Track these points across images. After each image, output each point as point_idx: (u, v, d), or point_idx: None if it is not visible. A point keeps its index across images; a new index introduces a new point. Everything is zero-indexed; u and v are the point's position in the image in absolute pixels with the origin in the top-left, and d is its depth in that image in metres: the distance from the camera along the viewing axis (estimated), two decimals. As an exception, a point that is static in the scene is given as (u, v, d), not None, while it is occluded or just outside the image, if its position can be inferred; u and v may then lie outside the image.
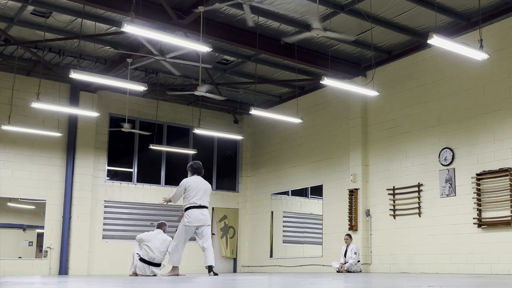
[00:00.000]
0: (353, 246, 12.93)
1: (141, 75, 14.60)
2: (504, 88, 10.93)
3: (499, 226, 10.67)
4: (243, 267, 17.22)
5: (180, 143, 16.70)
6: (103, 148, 15.24)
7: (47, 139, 14.18)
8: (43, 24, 11.68)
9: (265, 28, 11.87)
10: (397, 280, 6.38)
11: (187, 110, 16.58)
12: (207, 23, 10.81)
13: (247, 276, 9.99)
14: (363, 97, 13.44)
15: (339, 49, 13.08)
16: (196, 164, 9.80)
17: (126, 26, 8.30)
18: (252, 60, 13.57)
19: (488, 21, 11.05)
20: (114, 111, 15.46)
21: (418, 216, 12.25)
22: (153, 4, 10.74)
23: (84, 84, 14.20)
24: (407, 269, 12.29)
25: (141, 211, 15.68)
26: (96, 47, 12.99)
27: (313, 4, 10.38)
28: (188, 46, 9.66)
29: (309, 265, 14.83)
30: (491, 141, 11.06)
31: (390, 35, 12.28)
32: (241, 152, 17.68)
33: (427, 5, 10.78)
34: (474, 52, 9.13)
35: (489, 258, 10.77)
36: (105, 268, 14.74)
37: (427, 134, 12.30)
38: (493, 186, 10.92)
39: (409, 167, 12.60)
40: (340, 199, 14.08)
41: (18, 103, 13.80)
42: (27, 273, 13.66)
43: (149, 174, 16.19)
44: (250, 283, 5.92)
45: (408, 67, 12.88)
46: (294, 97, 15.12)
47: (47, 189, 14.27)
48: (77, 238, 14.29)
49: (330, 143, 14.69)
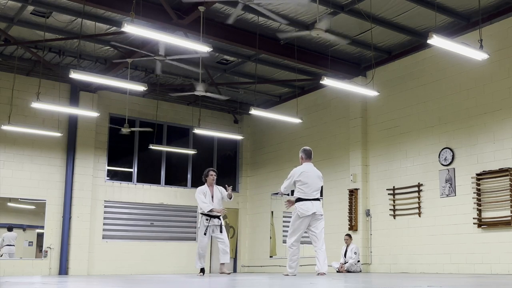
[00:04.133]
0: (353, 246, 12.93)
1: (141, 75, 14.60)
2: (504, 88, 10.93)
3: (499, 226, 10.67)
4: (243, 267, 17.22)
5: (180, 143, 16.71)
6: (103, 148, 15.24)
7: (47, 139, 14.18)
8: (43, 24, 11.68)
9: (265, 28, 11.87)
10: (397, 280, 6.38)
11: (187, 110, 16.58)
12: (207, 23, 10.81)
13: (247, 276, 9.99)
14: (363, 97, 13.44)
15: (339, 49, 13.08)
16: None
17: (126, 26, 8.30)
18: (252, 60, 13.57)
19: (488, 21, 11.04)
20: (114, 111, 15.46)
21: (418, 216, 12.25)
22: (153, 4, 10.74)
23: (84, 84, 14.20)
24: (407, 269, 12.29)
25: (141, 211, 15.68)
26: (96, 47, 13.00)
27: (313, 4, 10.38)
28: (188, 46, 9.66)
29: (309, 265, 14.80)
30: (491, 141, 11.06)
31: (390, 35, 12.28)
32: (241, 152, 17.68)
33: (427, 5, 10.78)
34: (474, 52, 9.13)
35: (489, 258, 10.77)
36: (105, 268, 14.74)
37: (427, 134, 12.30)
38: (493, 186, 10.91)
39: (409, 167, 12.60)
40: (340, 199, 14.08)
41: (18, 103, 13.80)
42: (27, 273, 13.66)
43: (149, 174, 16.20)
44: (250, 283, 5.92)
45: (408, 67, 12.88)
46: (294, 97, 15.12)
47: (47, 189, 14.27)
48: (77, 238, 14.29)
49: (330, 143, 14.69)
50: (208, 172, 10.33)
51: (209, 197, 10.15)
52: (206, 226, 10.10)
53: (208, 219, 10.14)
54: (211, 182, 10.27)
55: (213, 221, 10.19)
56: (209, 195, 10.16)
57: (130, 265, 15.08)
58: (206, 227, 10.10)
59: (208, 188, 10.23)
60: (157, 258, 15.61)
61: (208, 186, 10.25)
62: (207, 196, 10.14)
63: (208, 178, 10.29)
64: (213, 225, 10.19)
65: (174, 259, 15.85)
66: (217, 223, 10.22)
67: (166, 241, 15.93)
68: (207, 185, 10.27)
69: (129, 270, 15.03)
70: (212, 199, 10.14)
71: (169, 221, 16.17)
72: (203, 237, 10.17)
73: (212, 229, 10.21)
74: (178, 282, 6.50)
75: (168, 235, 16.03)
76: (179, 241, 16.12)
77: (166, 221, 16.09)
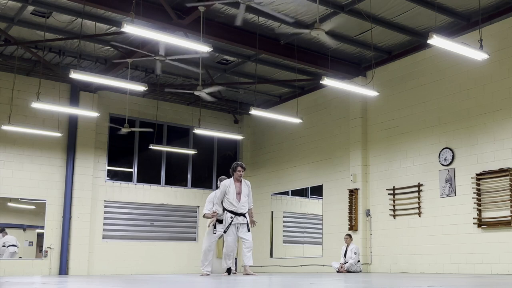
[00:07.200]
0: (353, 246, 12.93)
1: (141, 75, 14.61)
2: (504, 88, 10.93)
3: (499, 226, 10.67)
4: (243, 267, 17.17)
5: (180, 143, 16.71)
6: (103, 148, 15.25)
7: (47, 139, 14.18)
8: (43, 24, 11.68)
9: (265, 28, 11.88)
10: (397, 280, 6.38)
11: (187, 110, 16.59)
12: (207, 23, 10.81)
13: (247, 276, 9.98)
14: (363, 97, 13.44)
15: (339, 49, 13.08)
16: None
17: (126, 26, 8.30)
18: (252, 60, 13.57)
19: (488, 21, 11.05)
20: (114, 111, 15.46)
21: (418, 216, 12.25)
22: (153, 4, 10.74)
23: (84, 84, 14.20)
24: (407, 269, 12.29)
25: (141, 211, 15.69)
26: (96, 47, 13.00)
27: (313, 4, 10.39)
28: (188, 46, 9.66)
29: (309, 265, 14.82)
30: (491, 141, 11.06)
31: (390, 35, 12.28)
32: (241, 152, 17.68)
33: (427, 5, 10.78)
34: (474, 52, 9.13)
35: (489, 258, 10.77)
36: (105, 268, 14.74)
37: (427, 134, 12.30)
38: (493, 186, 10.91)
39: (409, 167, 12.60)
40: (340, 199, 14.08)
41: (18, 103, 13.80)
42: (27, 273, 13.66)
43: (149, 174, 16.20)
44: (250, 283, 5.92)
45: (408, 67, 12.88)
46: (294, 97, 15.13)
47: (47, 189, 14.27)
48: (77, 238, 14.29)
49: (330, 143, 14.69)
50: (236, 167, 9.86)
51: (234, 193, 9.70)
52: (229, 223, 9.67)
53: (233, 216, 9.69)
54: (237, 178, 9.82)
55: (238, 219, 9.72)
56: (233, 191, 9.72)
57: (130, 265, 15.08)
58: (229, 224, 9.67)
59: (235, 184, 9.81)
60: (157, 258, 15.61)
61: (234, 181, 9.83)
62: (231, 192, 9.69)
63: (235, 173, 9.83)
64: (238, 223, 9.71)
65: (174, 259, 15.86)
66: (242, 221, 9.73)
67: (166, 241, 15.93)
68: (233, 179, 9.84)
69: (129, 270, 15.03)
70: (237, 196, 9.70)
71: (169, 221, 16.18)
72: (227, 235, 9.76)
73: (236, 227, 9.73)
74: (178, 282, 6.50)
75: (168, 235, 16.04)
76: (179, 241, 16.13)
77: (166, 221, 16.10)
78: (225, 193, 9.76)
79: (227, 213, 9.76)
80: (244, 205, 9.77)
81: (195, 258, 15.74)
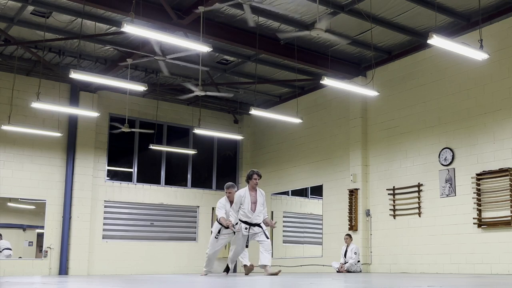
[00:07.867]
0: (353, 246, 12.93)
1: (141, 75, 14.61)
2: (504, 88, 10.93)
3: (499, 226, 10.67)
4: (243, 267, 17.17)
5: (180, 143, 16.71)
6: (103, 148, 15.24)
7: (47, 139, 14.17)
8: (43, 24, 11.68)
9: (265, 28, 11.87)
10: (397, 280, 6.38)
11: (187, 110, 16.58)
12: (207, 23, 10.81)
13: (247, 276, 9.98)
14: (363, 97, 13.44)
15: (339, 49, 13.08)
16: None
17: (126, 26, 8.30)
18: (252, 60, 13.57)
19: (488, 21, 11.05)
20: (114, 111, 15.46)
21: (418, 216, 12.25)
22: (153, 4, 10.74)
23: (84, 84, 14.20)
24: (407, 269, 12.29)
25: (141, 211, 15.69)
26: (96, 47, 13.00)
27: (313, 4, 10.39)
28: (188, 46, 9.66)
29: (309, 265, 14.82)
30: (491, 141, 11.06)
31: (390, 35, 12.28)
32: (241, 152, 17.68)
33: (427, 5, 10.78)
34: (474, 52, 9.13)
35: (489, 258, 10.77)
36: (105, 268, 14.74)
37: (427, 134, 12.30)
38: (493, 186, 10.91)
39: (409, 167, 12.60)
40: (340, 199, 14.08)
41: (18, 103, 13.80)
42: (27, 273, 13.66)
43: (149, 174, 16.20)
44: (250, 283, 5.92)
45: (408, 67, 12.88)
46: (294, 97, 15.12)
47: (47, 189, 14.27)
48: (77, 238, 14.29)
49: (330, 143, 14.69)
50: (252, 175, 9.53)
51: (248, 203, 9.41)
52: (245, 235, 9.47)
53: (248, 227, 9.47)
54: (253, 186, 9.53)
55: (253, 229, 9.52)
56: (248, 201, 9.43)
57: (130, 265, 15.07)
58: (247, 236, 9.48)
59: (250, 193, 9.51)
60: (157, 258, 15.61)
61: (249, 190, 9.52)
62: (246, 202, 9.41)
63: (251, 181, 9.52)
64: (253, 233, 9.54)
65: (174, 259, 15.85)
66: (258, 231, 9.54)
67: (166, 241, 15.93)
68: (248, 188, 9.54)
69: (129, 270, 15.03)
70: (252, 206, 9.43)
71: (169, 221, 16.17)
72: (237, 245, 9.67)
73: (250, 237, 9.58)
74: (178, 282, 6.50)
75: (168, 235, 16.03)
76: (179, 241, 16.12)
77: (166, 221, 16.10)
78: (240, 203, 9.49)
79: (241, 223, 9.49)
80: (259, 215, 9.53)
81: (195, 258, 15.76)
